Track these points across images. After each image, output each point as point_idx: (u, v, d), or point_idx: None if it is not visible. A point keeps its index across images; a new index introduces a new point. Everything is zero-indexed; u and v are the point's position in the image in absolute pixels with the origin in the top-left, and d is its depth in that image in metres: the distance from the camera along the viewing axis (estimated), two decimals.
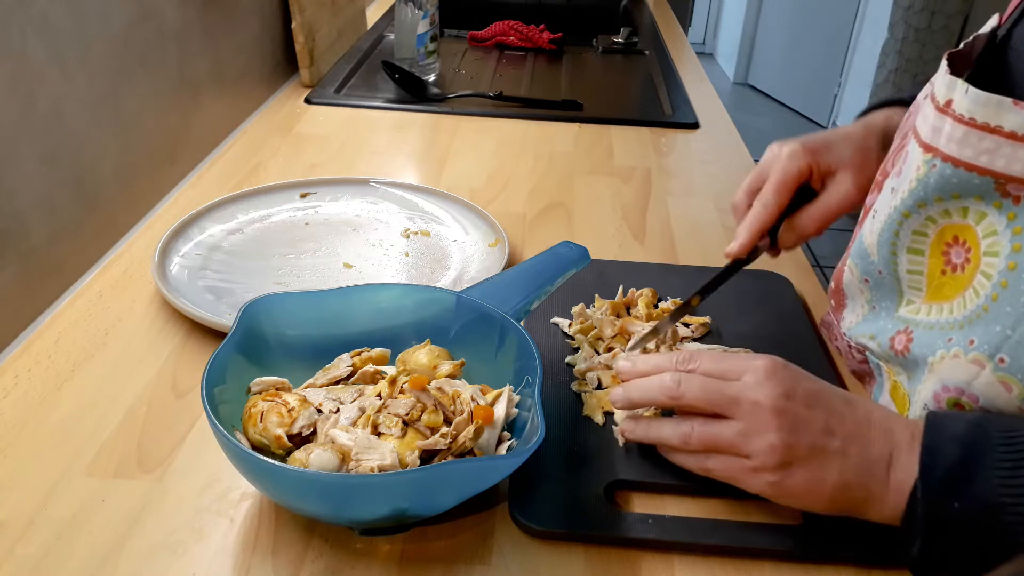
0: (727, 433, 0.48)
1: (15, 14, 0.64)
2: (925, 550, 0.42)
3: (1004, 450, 0.41)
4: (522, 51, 1.51)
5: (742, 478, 0.48)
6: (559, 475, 0.52)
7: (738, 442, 0.47)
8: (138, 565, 0.46)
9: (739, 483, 0.48)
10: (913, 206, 0.49)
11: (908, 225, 0.50)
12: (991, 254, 0.45)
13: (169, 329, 0.66)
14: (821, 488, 0.46)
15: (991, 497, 0.40)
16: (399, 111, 1.17)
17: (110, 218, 0.80)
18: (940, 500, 0.42)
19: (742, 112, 4.15)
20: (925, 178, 0.47)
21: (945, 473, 0.42)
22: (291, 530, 0.48)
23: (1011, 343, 0.43)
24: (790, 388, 0.47)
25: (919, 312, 0.52)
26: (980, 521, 0.40)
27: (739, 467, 0.47)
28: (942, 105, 0.45)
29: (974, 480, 0.41)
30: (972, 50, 0.50)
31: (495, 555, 0.47)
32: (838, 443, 0.46)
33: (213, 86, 1.00)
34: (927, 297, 0.51)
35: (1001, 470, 0.40)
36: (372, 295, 0.57)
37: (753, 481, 0.47)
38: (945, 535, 0.42)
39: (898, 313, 0.54)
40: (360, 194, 0.89)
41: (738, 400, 0.47)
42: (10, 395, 0.58)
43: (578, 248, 0.63)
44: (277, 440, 0.48)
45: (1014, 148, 0.42)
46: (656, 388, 0.50)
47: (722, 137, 1.15)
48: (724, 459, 0.48)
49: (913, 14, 2.87)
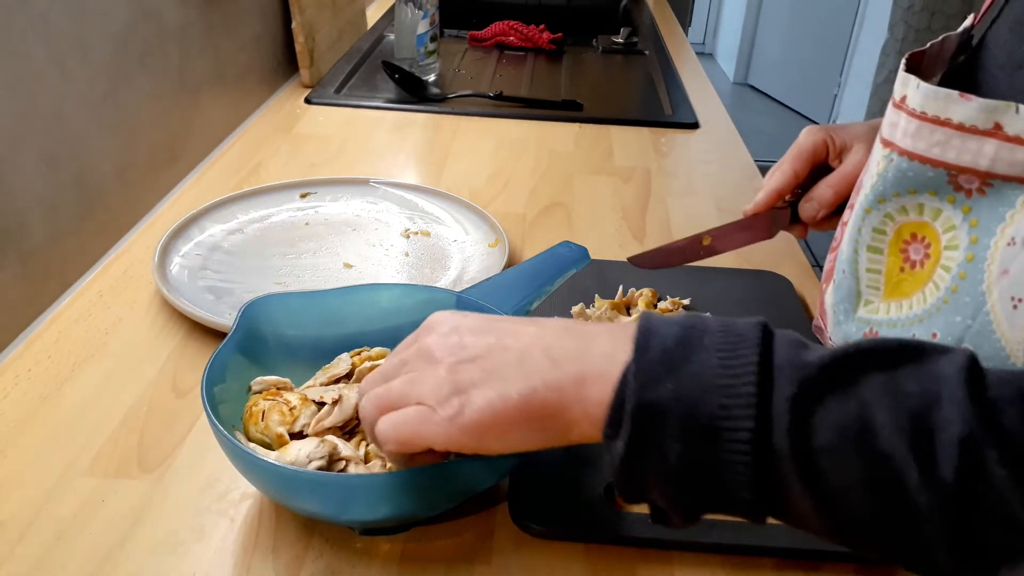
0: (396, 385, 0.41)
1: (15, 14, 0.64)
2: (632, 442, 0.35)
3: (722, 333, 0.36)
4: (522, 51, 1.51)
5: (421, 429, 0.39)
6: (559, 475, 0.52)
7: (406, 390, 0.40)
8: (138, 565, 0.46)
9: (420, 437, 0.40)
10: (873, 201, 0.50)
11: (869, 222, 0.50)
12: (951, 247, 0.46)
13: (169, 329, 0.66)
14: (506, 406, 0.38)
15: (709, 377, 0.34)
16: (399, 111, 1.17)
17: (110, 218, 0.80)
18: (652, 381, 0.35)
19: (742, 112, 4.15)
20: (884, 172, 0.48)
21: (661, 354, 0.35)
22: (291, 530, 0.48)
23: (972, 332, 0.44)
24: (454, 325, 0.42)
25: (878, 312, 0.52)
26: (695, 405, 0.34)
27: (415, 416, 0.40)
28: (898, 101, 0.47)
29: (691, 360, 0.35)
30: (942, 50, 0.51)
31: (495, 555, 0.48)
32: (514, 355, 0.39)
33: (213, 86, 1.00)
34: (885, 295, 0.52)
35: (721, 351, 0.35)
36: (372, 295, 0.57)
37: (432, 427, 0.39)
38: (655, 422, 0.34)
39: (857, 315, 0.54)
40: (360, 194, 0.89)
41: (405, 361, 0.42)
42: (10, 395, 0.58)
43: (578, 248, 0.63)
44: (279, 439, 0.48)
45: (963, 139, 0.43)
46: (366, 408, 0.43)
47: (722, 137, 1.15)
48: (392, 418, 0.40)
49: (913, 14, 2.87)
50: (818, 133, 0.64)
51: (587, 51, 1.54)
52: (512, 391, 0.38)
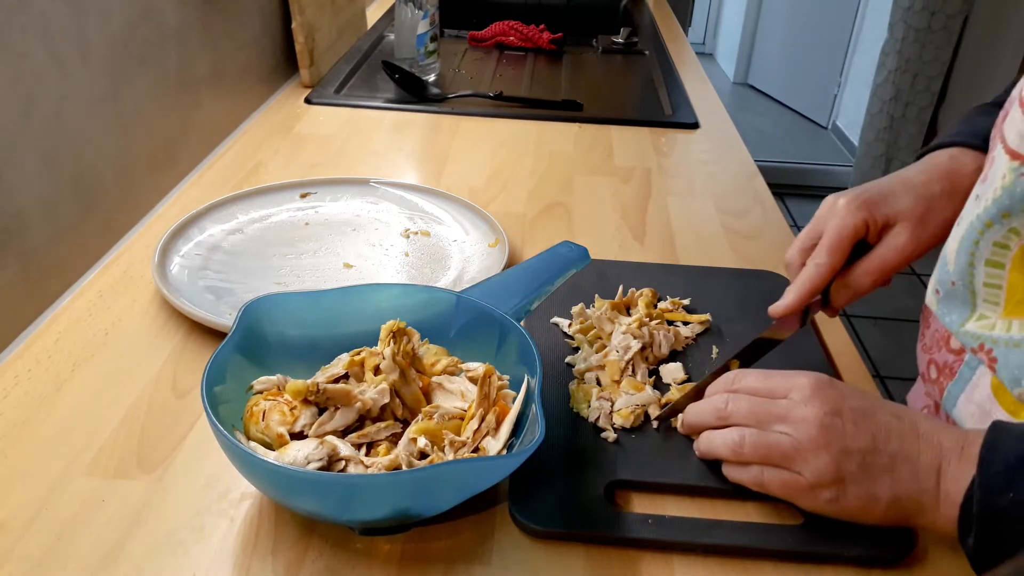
0: (782, 443, 0.48)
1: (15, 14, 0.64)
2: (980, 542, 0.43)
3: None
4: (522, 51, 1.51)
5: (799, 495, 0.48)
6: (559, 475, 0.52)
7: (791, 455, 0.47)
8: (138, 565, 0.46)
9: (795, 500, 0.49)
10: (996, 215, 0.48)
11: (989, 235, 0.49)
12: None
13: (169, 329, 0.66)
14: (875, 504, 0.46)
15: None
16: (399, 111, 1.17)
17: (110, 218, 0.80)
18: (996, 492, 0.42)
19: (742, 112, 4.15)
20: (1012, 187, 0.46)
21: (1004, 467, 0.43)
22: (291, 530, 0.48)
23: None
24: (836, 405, 0.48)
25: (995, 328, 0.51)
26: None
27: (795, 484, 0.48)
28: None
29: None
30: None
31: (495, 555, 0.47)
32: (886, 459, 0.46)
33: (213, 86, 1.00)
34: (1006, 312, 0.50)
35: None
36: (372, 295, 0.57)
37: (810, 499, 0.48)
38: (1002, 526, 0.42)
39: (964, 328, 0.53)
40: (360, 194, 0.89)
41: (786, 417, 0.48)
42: (10, 395, 0.58)
43: (578, 248, 0.63)
44: (279, 439, 0.48)
45: None
46: (708, 411, 0.52)
47: (722, 137, 1.15)
48: (779, 473, 0.48)
49: (913, 14, 2.87)
50: (859, 213, 0.57)
51: (587, 51, 1.54)
52: (882, 495, 0.46)
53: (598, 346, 0.64)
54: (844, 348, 0.68)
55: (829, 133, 3.92)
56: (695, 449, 0.54)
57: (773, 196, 0.97)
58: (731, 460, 0.50)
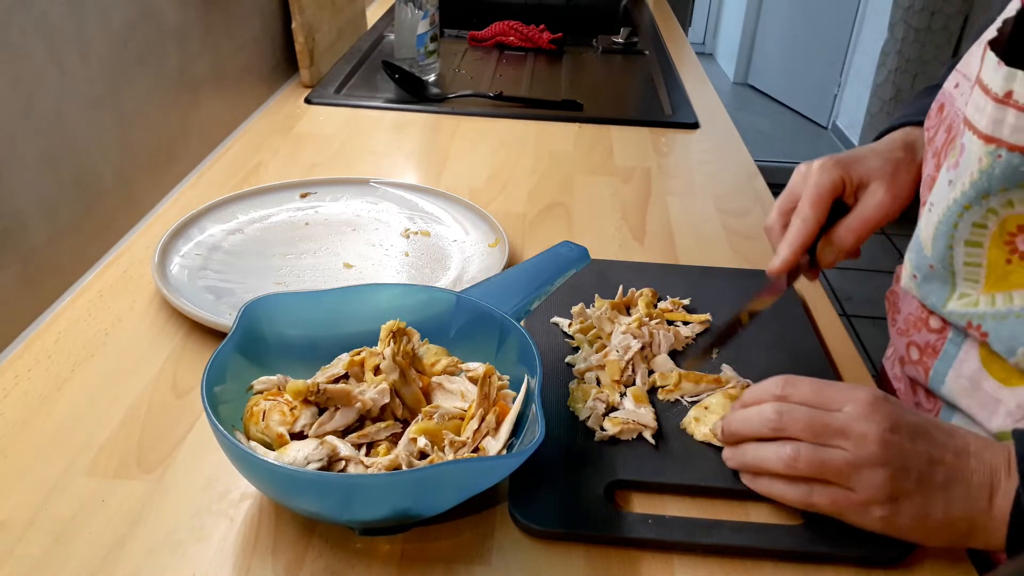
0: (838, 459, 0.47)
1: (15, 14, 0.64)
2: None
3: None
4: (522, 51, 1.51)
5: (850, 512, 0.47)
6: (559, 475, 0.52)
7: (847, 471, 0.46)
8: (138, 565, 0.46)
9: (845, 517, 0.48)
10: (975, 198, 0.49)
11: (968, 217, 0.50)
12: None
13: (169, 329, 0.66)
14: (928, 523, 0.46)
15: None
16: (399, 111, 1.17)
17: (110, 218, 0.80)
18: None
19: (742, 112, 4.15)
20: (990, 169, 0.47)
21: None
22: (291, 530, 0.48)
23: None
24: (895, 421, 0.47)
25: (978, 304, 0.51)
26: None
27: (847, 501, 0.47)
28: (1001, 97, 0.46)
29: None
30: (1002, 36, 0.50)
31: (495, 555, 0.47)
32: (941, 477, 0.46)
33: (213, 86, 1.00)
34: (986, 287, 0.51)
35: None
36: (372, 295, 0.57)
37: (862, 516, 0.47)
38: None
39: (947, 308, 0.53)
40: (360, 194, 0.89)
41: (844, 432, 0.47)
42: (10, 395, 0.58)
43: (578, 248, 0.63)
44: (279, 439, 0.48)
45: None
46: (757, 420, 0.50)
47: (722, 137, 1.15)
48: (831, 491, 0.47)
49: (913, 14, 2.87)
50: (835, 170, 0.60)
51: (587, 51, 1.54)
52: (936, 513, 0.46)
53: (598, 346, 0.64)
54: (844, 348, 0.68)
55: (829, 133, 3.93)
56: (727, 459, 0.52)
57: (773, 196, 0.97)
58: (782, 474, 0.48)
